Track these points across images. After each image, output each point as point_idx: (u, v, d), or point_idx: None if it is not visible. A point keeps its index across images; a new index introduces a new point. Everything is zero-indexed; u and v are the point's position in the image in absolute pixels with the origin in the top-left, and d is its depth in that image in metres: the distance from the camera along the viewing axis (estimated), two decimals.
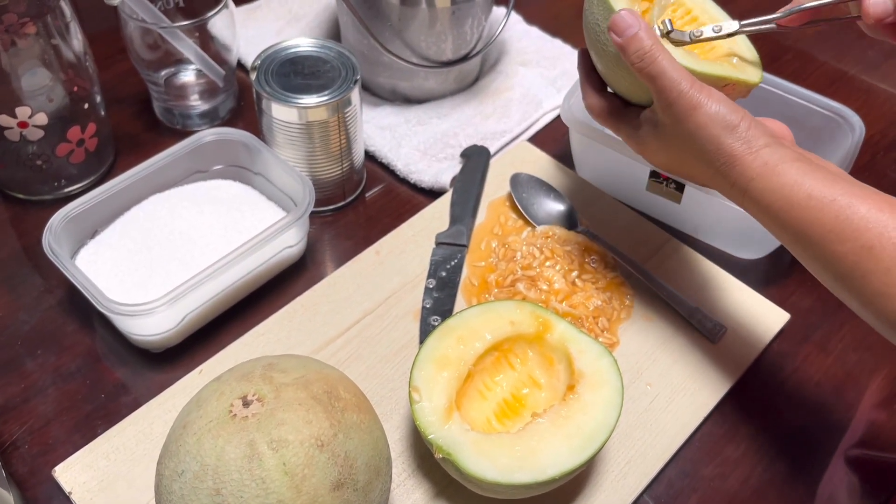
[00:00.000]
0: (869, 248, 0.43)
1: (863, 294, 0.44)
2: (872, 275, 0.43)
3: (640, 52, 0.49)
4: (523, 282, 0.62)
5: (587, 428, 0.49)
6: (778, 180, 0.46)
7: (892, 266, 0.42)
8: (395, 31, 0.72)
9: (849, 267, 0.44)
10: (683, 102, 0.48)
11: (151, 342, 0.58)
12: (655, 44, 0.49)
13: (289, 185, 0.64)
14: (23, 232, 0.68)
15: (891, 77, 0.86)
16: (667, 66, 0.48)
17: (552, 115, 0.78)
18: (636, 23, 0.49)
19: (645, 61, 0.49)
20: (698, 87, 0.48)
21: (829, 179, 0.45)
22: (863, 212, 0.44)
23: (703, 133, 0.48)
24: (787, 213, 0.46)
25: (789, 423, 0.58)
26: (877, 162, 0.77)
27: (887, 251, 0.43)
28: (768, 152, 0.47)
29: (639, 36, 0.49)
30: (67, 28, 0.62)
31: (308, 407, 0.43)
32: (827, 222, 0.44)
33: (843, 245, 0.44)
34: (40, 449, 0.55)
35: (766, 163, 0.46)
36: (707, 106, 0.48)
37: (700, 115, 0.48)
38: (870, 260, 0.43)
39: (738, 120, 0.48)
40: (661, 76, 0.48)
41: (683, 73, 0.49)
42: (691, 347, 0.60)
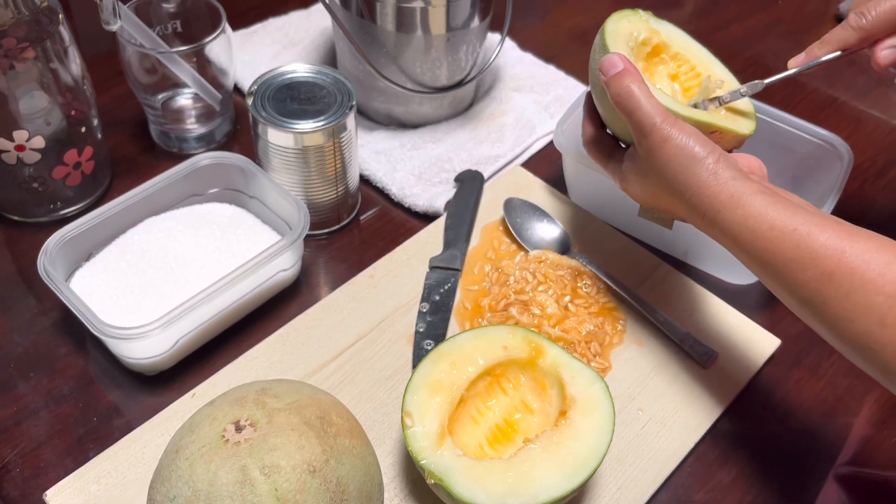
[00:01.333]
0: (828, 274, 0.45)
1: (826, 318, 0.46)
2: (833, 300, 0.45)
3: (619, 87, 0.52)
4: (516, 306, 0.62)
5: (579, 454, 0.49)
6: (742, 211, 0.48)
7: (851, 291, 0.44)
8: (390, 57, 0.73)
9: (811, 293, 0.46)
10: (655, 135, 0.51)
11: (145, 365, 0.58)
12: (634, 81, 0.52)
13: (284, 208, 0.64)
14: (17, 254, 0.68)
15: (880, 104, 0.88)
16: (643, 101, 0.51)
17: (545, 141, 0.79)
18: (621, 63, 0.53)
19: (622, 96, 0.52)
20: (671, 122, 0.51)
21: (790, 210, 0.47)
22: (822, 240, 0.45)
23: (671, 164, 0.50)
24: (752, 243, 0.48)
25: (781, 447, 0.58)
26: (866, 189, 0.78)
27: (846, 277, 0.44)
28: (734, 185, 0.49)
29: (619, 74, 0.52)
30: (66, 52, 0.63)
31: (301, 432, 0.43)
32: (788, 251, 0.46)
33: (804, 273, 0.46)
34: (32, 472, 0.55)
35: (731, 195, 0.48)
36: (676, 138, 0.50)
37: (669, 147, 0.50)
38: (830, 286, 0.45)
39: (706, 153, 0.50)
40: (636, 110, 0.51)
41: (659, 108, 0.51)
42: (683, 372, 0.60)
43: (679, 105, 0.55)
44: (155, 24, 0.73)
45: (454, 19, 0.71)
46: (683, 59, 0.60)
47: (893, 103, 0.88)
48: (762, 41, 0.96)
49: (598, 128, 0.59)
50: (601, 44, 0.56)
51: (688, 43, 0.61)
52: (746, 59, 0.93)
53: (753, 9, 1.01)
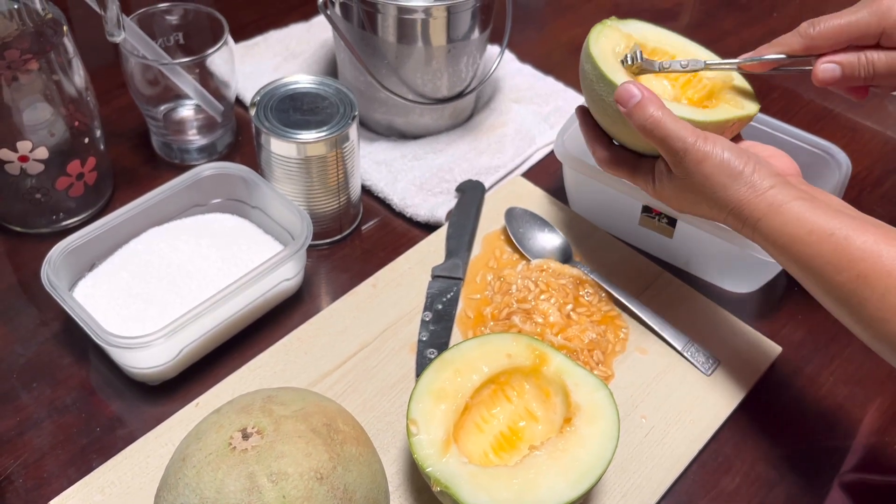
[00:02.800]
0: (864, 276, 0.46)
1: (862, 319, 0.47)
2: (869, 301, 0.46)
3: (643, 117, 0.52)
4: (519, 315, 0.63)
5: (584, 461, 0.49)
6: (782, 218, 0.49)
7: (887, 292, 0.45)
8: (391, 68, 0.73)
9: (847, 295, 0.47)
10: (690, 157, 0.51)
11: (148, 375, 0.58)
12: (657, 108, 0.52)
13: (286, 218, 0.64)
14: (19, 265, 0.68)
15: (875, 115, 0.88)
16: (670, 126, 0.52)
17: (545, 151, 0.80)
18: (638, 92, 0.53)
19: (648, 125, 0.52)
20: (703, 139, 0.51)
21: (829, 214, 0.48)
22: (858, 243, 0.47)
23: (711, 182, 0.51)
24: (791, 247, 0.49)
25: (783, 454, 0.58)
26: (863, 198, 0.79)
27: (882, 279, 0.45)
28: (773, 193, 0.50)
29: (642, 104, 0.52)
30: (70, 64, 0.63)
31: (307, 440, 0.43)
32: (826, 254, 0.47)
33: (840, 275, 0.47)
34: (35, 483, 0.54)
35: (770, 203, 0.50)
36: (713, 156, 0.51)
37: (707, 167, 0.51)
38: (866, 288, 0.46)
39: (743, 166, 0.51)
40: (667, 137, 0.52)
41: (688, 129, 0.52)
42: (685, 380, 0.61)
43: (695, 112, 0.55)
44: (157, 36, 0.73)
45: (455, 31, 0.72)
46: (662, 52, 0.60)
47: (889, 114, 0.89)
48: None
49: (608, 145, 0.59)
50: (593, 70, 0.56)
51: (659, 34, 0.61)
52: None
53: (749, 21, 1.02)
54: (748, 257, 0.62)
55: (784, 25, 1.04)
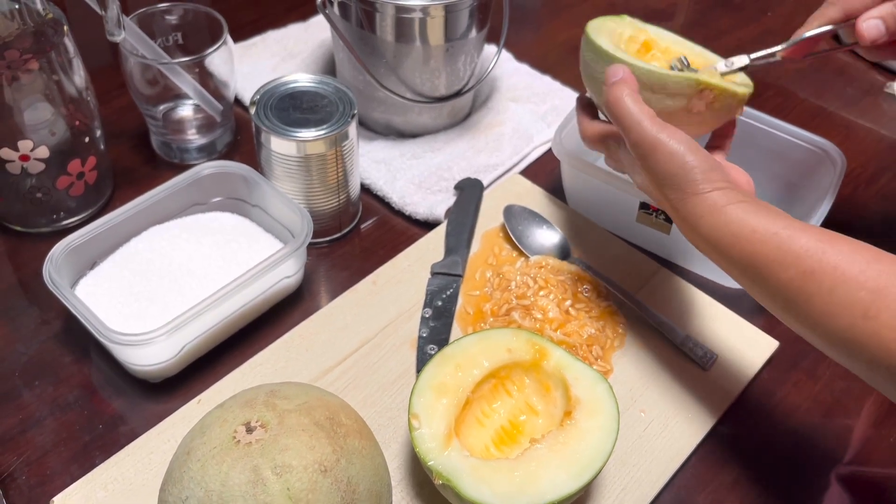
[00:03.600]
0: (810, 272, 0.46)
1: (809, 317, 0.46)
2: (816, 297, 0.46)
3: (610, 94, 0.54)
4: (518, 311, 0.63)
5: (584, 454, 0.50)
6: (724, 218, 0.49)
7: (833, 287, 0.45)
8: (390, 67, 0.74)
9: (794, 292, 0.47)
10: (646, 142, 0.52)
11: (150, 372, 0.59)
12: (627, 90, 0.53)
13: (286, 216, 0.65)
14: (19, 264, 0.68)
15: (869, 113, 0.89)
16: (632, 108, 0.52)
17: (543, 149, 0.80)
18: (621, 73, 0.54)
19: (611, 103, 0.54)
20: (659, 127, 0.52)
21: (771, 217, 0.48)
22: (803, 241, 0.47)
23: (660, 169, 0.51)
24: (733, 246, 0.49)
25: (781, 447, 0.59)
26: (858, 195, 0.80)
27: (827, 274, 0.45)
28: (718, 195, 0.50)
29: (618, 84, 0.54)
30: (70, 64, 0.64)
31: (311, 433, 0.44)
32: (770, 252, 0.47)
33: (786, 272, 0.47)
34: (38, 480, 0.55)
35: (714, 203, 0.50)
36: (667, 145, 0.51)
37: (659, 154, 0.51)
38: (812, 283, 0.46)
39: (696, 162, 0.51)
40: (624, 117, 0.53)
41: (647, 115, 0.52)
42: (683, 375, 0.61)
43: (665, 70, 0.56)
44: (157, 36, 0.73)
45: (452, 30, 0.72)
46: (675, 52, 0.61)
47: (883, 112, 0.90)
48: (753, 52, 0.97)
49: (594, 116, 0.60)
50: (589, 42, 0.58)
51: (675, 39, 0.62)
52: None
53: (744, 21, 1.03)
54: None
55: (778, 25, 1.06)
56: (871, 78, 0.94)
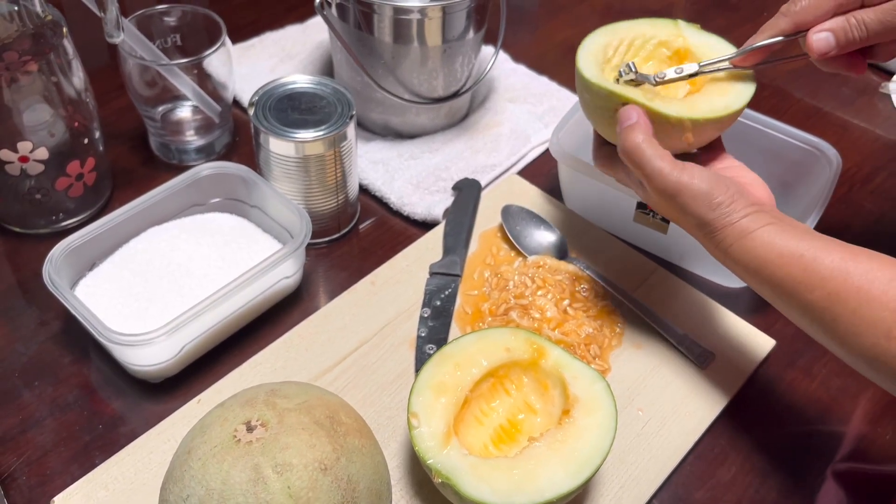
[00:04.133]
0: (835, 294, 0.48)
1: (836, 335, 0.49)
2: (841, 317, 0.48)
3: (626, 141, 0.54)
4: (516, 310, 0.63)
5: (583, 451, 0.50)
6: (752, 244, 0.51)
7: (858, 308, 0.47)
8: (388, 68, 0.74)
9: (820, 312, 0.49)
10: (668, 190, 0.53)
11: (150, 372, 0.59)
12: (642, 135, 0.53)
13: (285, 217, 0.65)
14: (19, 265, 0.69)
15: (864, 113, 0.90)
16: (648, 153, 0.53)
17: (540, 150, 0.81)
18: (635, 117, 0.54)
19: (628, 150, 0.54)
20: (678, 170, 0.53)
21: (797, 237, 0.50)
22: (827, 262, 0.48)
23: (688, 210, 0.53)
24: (762, 270, 0.51)
25: (778, 445, 0.59)
26: (854, 194, 0.80)
27: (852, 295, 0.47)
28: (747, 221, 0.52)
29: (631, 127, 0.54)
30: (69, 65, 0.64)
31: (311, 431, 0.44)
32: (797, 275, 0.49)
33: (812, 293, 0.49)
34: (38, 480, 0.55)
35: (743, 230, 0.51)
36: (688, 189, 0.52)
37: (684, 197, 0.53)
38: (837, 305, 0.48)
39: (720, 196, 0.52)
40: (644, 164, 0.53)
41: (665, 159, 0.53)
42: (681, 373, 0.61)
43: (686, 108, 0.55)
44: (155, 38, 0.74)
45: (450, 31, 0.73)
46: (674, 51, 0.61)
47: (878, 112, 0.90)
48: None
49: (601, 143, 0.60)
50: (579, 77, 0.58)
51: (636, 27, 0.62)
52: None
53: (740, 21, 1.03)
54: None
55: None
56: (866, 78, 0.94)
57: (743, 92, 0.58)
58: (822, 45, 0.53)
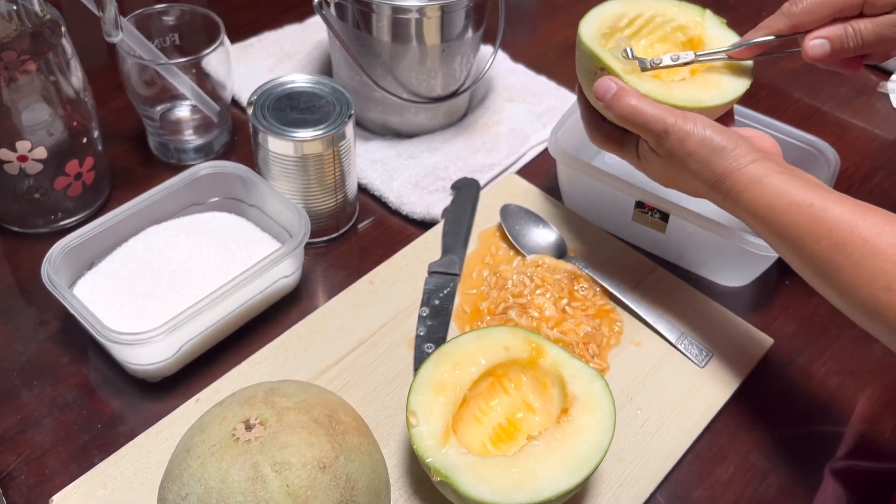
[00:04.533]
0: (841, 244, 0.48)
1: (838, 286, 0.49)
2: (845, 268, 0.48)
3: (620, 107, 0.54)
4: (515, 309, 0.63)
5: (582, 450, 0.50)
6: (762, 190, 0.51)
7: (861, 259, 0.47)
8: (386, 67, 0.74)
9: (824, 262, 0.49)
10: (672, 137, 0.53)
11: (148, 371, 0.59)
12: (632, 97, 0.54)
13: (284, 216, 0.65)
14: (17, 265, 0.69)
15: (862, 112, 0.90)
16: (649, 112, 0.54)
17: (539, 149, 0.81)
18: (613, 85, 0.55)
19: (626, 115, 0.54)
20: (682, 118, 0.53)
21: (807, 188, 0.50)
22: (836, 213, 0.48)
23: (694, 158, 0.53)
24: (770, 218, 0.51)
25: (776, 443, 0.59)
26: (852, 193, 0.77)
27: (857, 246, 0.47)
28: (755, 167, 0.52)
29: (617, 95, 0.55)
30: (68, 65, 0.64)
31: (310, 430, 0.44)
32: (804, 224, 0.49)
33: (818, 244, 0.49)
34: (37, 479, 0.55)
35: (752, 177, 0.51)
36: (695, 134, 0.53)
37: (690, 144, 0.53)
38: (841, 255, 0.48)
39: (726, 142, 0.52)
40: (646, 123, 0.54)
41: (666, 111, 0.53)
42: (679, 372, 0.62)
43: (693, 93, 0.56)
44: (154, 37, 0.74)
45: (448, 30, 0.73)
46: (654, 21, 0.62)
47: (876, 112, 0.90)
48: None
49: (599, 121, 0.61)
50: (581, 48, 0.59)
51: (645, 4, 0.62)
52: None
53: (737, 21, 1.03)
54: (740, 251, 0.63)
55: None
56: (865, 78, 0.94)
57: (728, 89, 0.58)
58: (817, 52, 0.55)
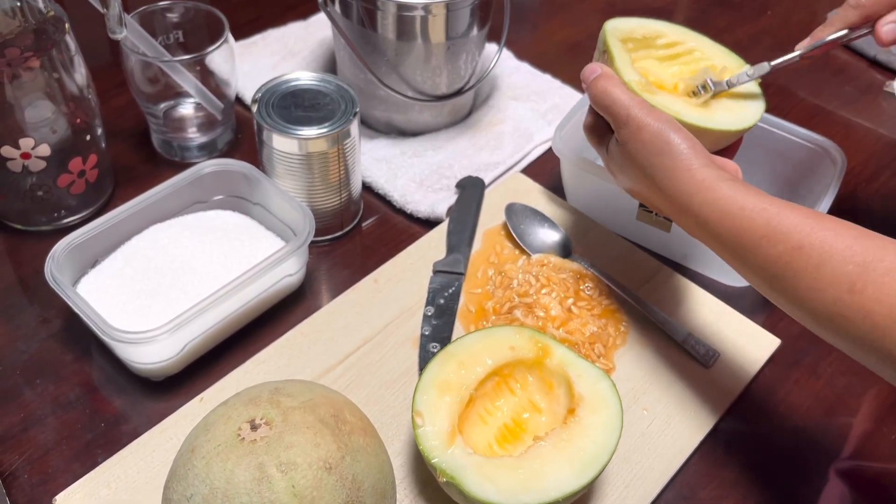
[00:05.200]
0: (798, 247, 0.47)
1: (797, 292, 0.47)
2: (804, 272, 0.46)
3: (595, 89, 0.56)
4: (520, 309, 0.63)
5: (588, 450, 0.50)
6: (713, 195, 0.50)
7: (821, 263, 0.46)
8: (391, 65, 0.74)
9: (781, 268, 0.47)
10: (631, 124, 0.53)
11: (152, 370, 0.58)
12: (609, 81, 0.55)
13: (288, 214, 0.65)
14: (20, 263, 0.68)
15: (867, 111, 0.89)
16: (617, 94, 0.54)
17: (544, 148, 0.80)
18: (598, 69, 0.56)
19: (598, 96, 0.55)
20: (646, 111, 0.53)
21: (759, 195, 0.50)
22: (791, 218, 0.48)
23: (646, 150, 0.53)
24: (722, 223, 0.50)
25: (783, 444, 0.59)
26: (859, 193, 0.80)
27: (815, 249, 0.46)
28: (706, 171, 0.51)
29: (596, 79, 0.56)
30: (71, 62, 0.64)
31: (316, 430, 0.44)
32: (759, 228, 0.48)
33: (774, 248, 0.47)
34: (40, 478, 0.54)
35: (703, 179, 0.51)
36: (651, 126, 0.53)
37: (644, 134, 0.53)
38: (800, 259, 0.46)
39: (680, 140, 0.52)
40: (612, 104, 0.54)
41: (634, 100, 0.54)
42: (686, 372, 0.61)
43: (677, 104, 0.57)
44: (158, 34, 0.73)
45: (453, 28, 0.72)
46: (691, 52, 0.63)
47: (882, 111, 0.90)
48: (752, 51, 0.98)
49: (597, 116, 0.61)
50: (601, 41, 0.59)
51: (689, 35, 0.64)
52: None
53: (742, 20, 1.03)
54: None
55: (777, 23, 1.06)
56: (871, 77, 0.94)
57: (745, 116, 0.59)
58: (891, 36, 0.55)
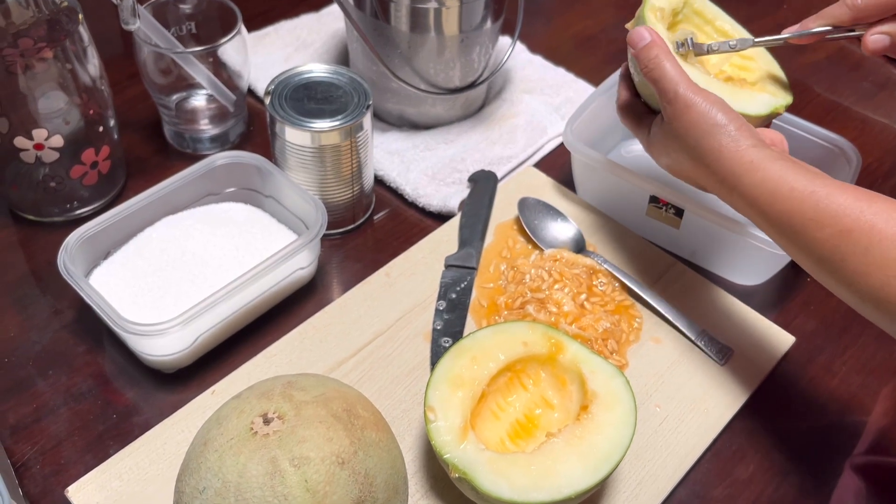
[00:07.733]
0: (847, 231, 0.46)
1: (843, 275, 0.47)
2: (851, 256, 0.46)
3: (647, 58, 0.55)
4: (533, 304, 0.63)
5: (602, 447, 0.49)
6: (762, 175, 0.50)
7: (869, 246, 0.45)
8: (404, 58, 0.73)
9: (829, 251, 0.47)
10: (679, 102, 0.53)
11: (164, 362, 0.58)
12: (662, 52, 0.54)
13: (300, 207, 0.64)
14: (32, 254, 0.68)
15: (884, 107, 0.89)
16: (668, 69, 0.54)
17: (557, 142, 0.80)
18: (648, 35, 0.55)
19: (650, 66, 0.55)
20: (694, 90, 0.53)
21: (809, 175, 0.49)
22: (840, 200, 0.47)
23: (694, 130, 0.52)
24: (771, 205, 0.49)
25: (797, 443, 0.58)
26: (875, 189, 0.78)
27: (864, 233, 0.46)
28: (754, 152, 0.51)
29: (648, 46, 0.55)
30: (85, 53, 0.63)
31: (328, 424, 0.43)
32: (807, 211, 0.48)
33: (822, 231, 0.47)
34: (52, 469, 0.55)
35: (751, 160, 0.50)
36: (699, 105, 0.52)
37: (692, 114, 0.52)
38: (848, 242, 0.46)
39: (728, 120, 0.52)
40: (662, 78, 0.54)
41: (683, 77, 0.54)
42: (699, 369, 0.61)
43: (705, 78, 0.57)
44: (171, 26, 0.73)
45: (467, 20, 0.72)
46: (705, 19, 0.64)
47: None
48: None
49: (632, 94, 0.61)
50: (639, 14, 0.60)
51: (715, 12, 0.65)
52: None
53: (758, 14, 1.02)
54: (755, 249, 0.63)
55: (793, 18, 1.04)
56: (887, 72, 0.93)
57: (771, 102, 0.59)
58: (877, 46, 0.55)
